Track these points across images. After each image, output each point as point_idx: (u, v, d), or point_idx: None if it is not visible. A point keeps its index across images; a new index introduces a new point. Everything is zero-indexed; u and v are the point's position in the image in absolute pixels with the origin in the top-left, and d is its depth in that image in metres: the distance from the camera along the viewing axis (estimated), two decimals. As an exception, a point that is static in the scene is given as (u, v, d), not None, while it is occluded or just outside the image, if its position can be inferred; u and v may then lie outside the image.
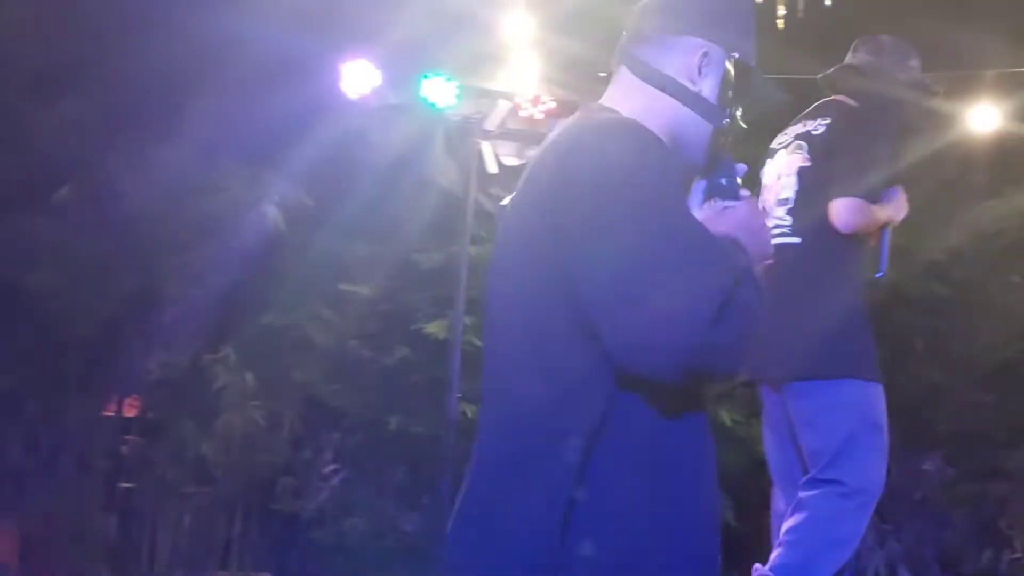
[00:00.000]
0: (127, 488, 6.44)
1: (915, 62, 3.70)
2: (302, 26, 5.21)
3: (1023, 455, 6.40)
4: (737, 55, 1.98)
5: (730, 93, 1.98)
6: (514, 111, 5.59)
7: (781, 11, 3.89)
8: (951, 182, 6.22)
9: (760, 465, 6.68)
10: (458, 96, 5.37)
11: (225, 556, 6.53)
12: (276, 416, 6.35)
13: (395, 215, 6.16)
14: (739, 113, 2.00)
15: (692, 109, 1.96)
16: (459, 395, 5.83)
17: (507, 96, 5.55)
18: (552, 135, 1.97)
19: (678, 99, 1.96)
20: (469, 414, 6.23)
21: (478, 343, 6.26)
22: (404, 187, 5.87)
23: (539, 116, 5.55)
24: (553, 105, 5.54)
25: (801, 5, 3.80)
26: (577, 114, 1.97)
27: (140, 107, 5.64)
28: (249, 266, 5.87)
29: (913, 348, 6.45)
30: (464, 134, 5.60)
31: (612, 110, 1.95)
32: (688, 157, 1.97)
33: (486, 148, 5.72)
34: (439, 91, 5.34)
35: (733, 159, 1.99)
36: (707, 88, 1.97)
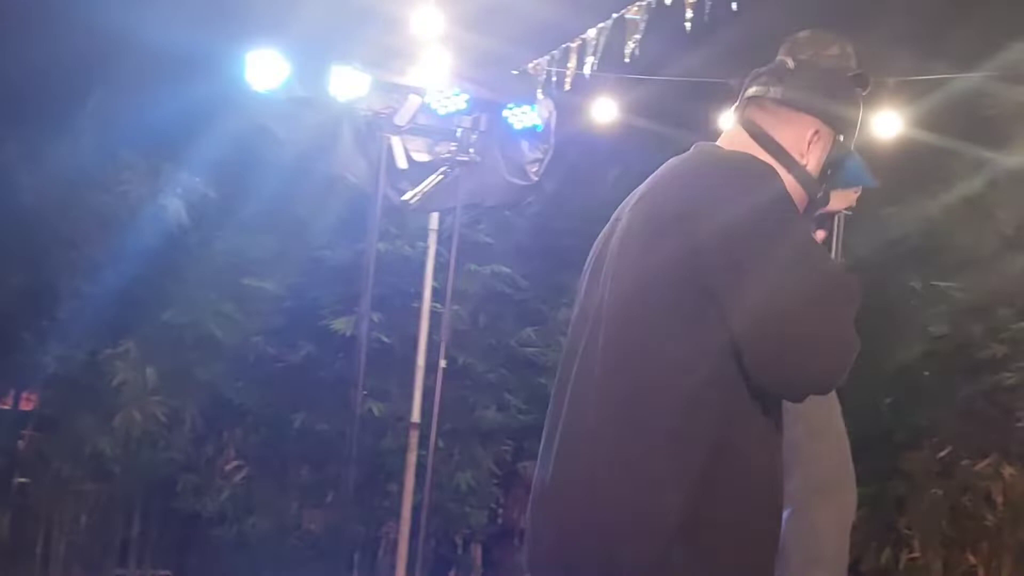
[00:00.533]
0: (22, 483, 6.27)
1: (835, 50, 3.71)
2: (206, 16, 5.10)
3: (921, 456, 6.51)
4: (843, 138, 2.22)
5: (829, 171, 2.22)
6: (425, 106, 5.54)
7: (689, 14, 3.87)
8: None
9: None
10: (368, 88, 5.31)
11: (123, 555, 6.39)
12: (177, 413, 6.22)
13: (302, 210, 6.09)
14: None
15: (796, 178, 2.17)
16: (365, 392, 5.79)
17: (418, 91, 5.50)
18: (674, 167, 2.16)
19: (785, 167, 2.16)
20: (376, 412, 6.19)
21: (385, 340, 6.23)
22: (311, 182, 5.79)
23: (450, 111, 5.51)
24: (465, 101, 5.49)
25: (707, 8, 3.80)
26: (700, 151, 2.20)
27: (35, 100, 5.48)
28: (149, 260, 5.74)
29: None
30: (373, 129, 5.53)
31: (718, 147, 2.18)
32: None
33: (396, 143, 5.66)
34: (348, 83, 5.27)
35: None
36: (812, 162, 2.20)
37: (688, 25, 4.08)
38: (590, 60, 4.64)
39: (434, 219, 6.04)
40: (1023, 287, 6.13)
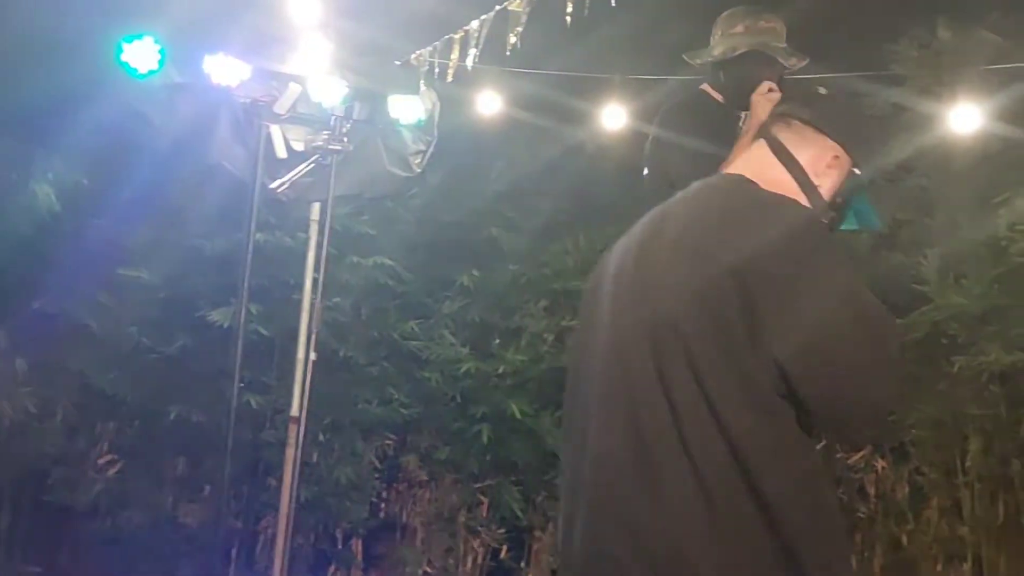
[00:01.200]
0: None
1: (743, 25, 3.72)
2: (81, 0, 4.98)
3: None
4: (858, 172, 2.32)
5: (840, 199, 2.32)
6: (305, 95, 5.46)
7: (569, 8, 3.87)
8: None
9: (549, 456, 6.79)
10: (247, 76, 5.22)
11: (-9, 550, 6.21)
12: (48, 404, 6.06)
13: (178, 199, 5.96)
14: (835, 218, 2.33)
15: (807, 197, 2.27)
16: (242, 384, 5.69)
17: (298, 80, 5.42)
18: (716, 205, 2.23)
19: (799, 185, 2.28)
20: (254, 404, 6.10)
21: (264, 332, 6.14)
22: (188, 170, 5.68)
23: (331, 101, 5.44)
24: (345, 90, 5.43)
25: (587, 3, 3.80)
26: (739, 189, 2.26)
27: None
28: (19, 248, 5.58)
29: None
30: (252, 117, 5.44)
31: (754, 183, 2.25)
32: None
33: (275, 132, 5.58)
34: (226, 70, 5.17)
35: None
36: (825, 185, 2.30)
37: (568, 19, 4.07)
38: (472, 52, 4.62)
39: (315, 209, 5.95)
40: (895, 285, 6.26)
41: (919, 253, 6.16)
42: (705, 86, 3.83)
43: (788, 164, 2.30)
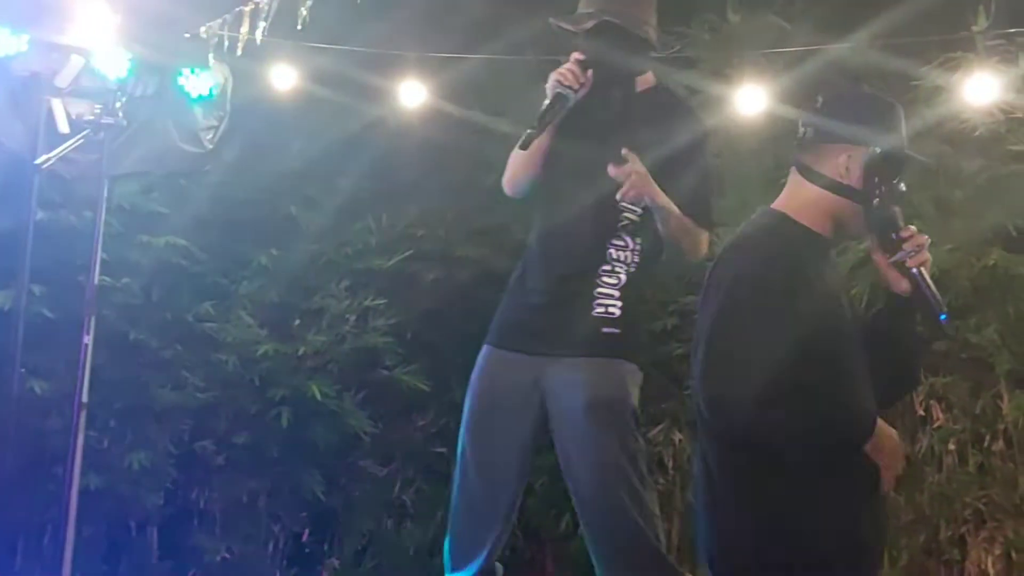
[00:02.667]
0: None
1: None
2: None
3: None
4: (878, 149, 2.67)
5: (876, 178, 2.67)
6: (90, 68, 5.23)
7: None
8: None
9: (351, 438, 6.72)
10: (25, 47, 4.98)
11: None
12: None
13: (-49, 176, 5.64)
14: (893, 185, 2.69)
15: (843, 196, 2.71)
16: (24, 370, 5.46)
17: (81, 52, 5.19)
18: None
19: (831, 191, 2.71)
20: (38, 390, 5.86)
21: (47, 314, 5.88)
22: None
23: (117, 75, 5.22)
24: (132, 63, 5.22)
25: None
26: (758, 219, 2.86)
27: None
28: None
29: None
30: (31, 91, 5.19)
31: (775, 212, 2.81)
32: (852, 228, 2.77)
33: (57, 106, 5.34)
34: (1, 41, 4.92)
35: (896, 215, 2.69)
36: (854, 177, 2.69)
37: (363, -6, 4.01)
38: (262, 25, 4.51)
39: (104, 187, 5.72)
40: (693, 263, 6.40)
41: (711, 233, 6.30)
42: None
43: (815, 180, 2.72)
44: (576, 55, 3.69)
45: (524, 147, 3.64)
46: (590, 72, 3.68)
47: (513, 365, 3.79)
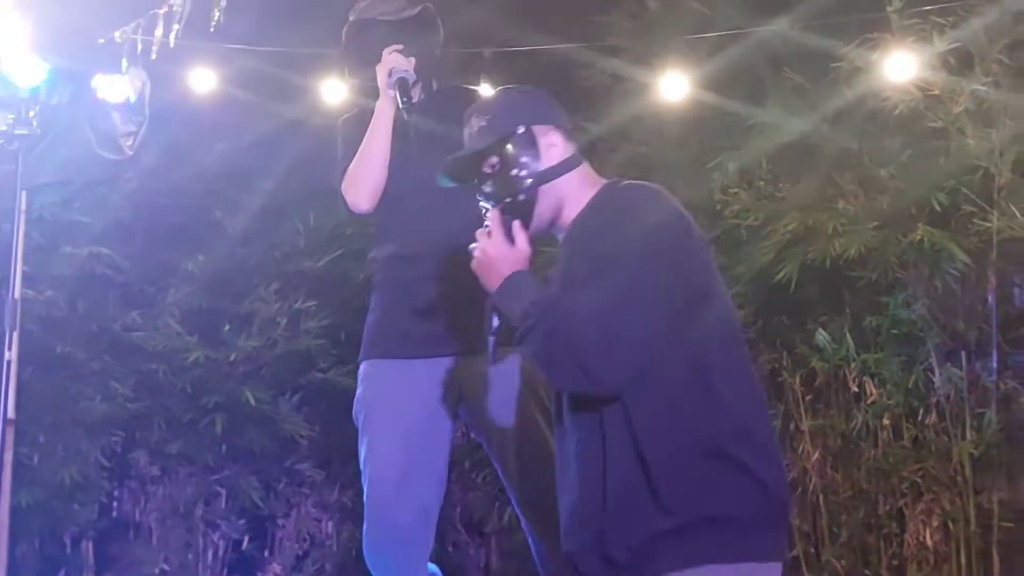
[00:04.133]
0: None
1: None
2: None
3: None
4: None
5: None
6: (2, 78, 5.11)
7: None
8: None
9: (287, 443, 6.65)
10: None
11: None
12: None
13: None
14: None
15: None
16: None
17: (-9, 62, 5.06)
18: None
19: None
20: None
21: None
22: None
23: (29, 82, 5.10)
24: (46, 72, 5.10)
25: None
26: None
27: None
28: None
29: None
30: (-61, 102, 5.05)
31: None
32: None
33: (-33, 117, 5.20)
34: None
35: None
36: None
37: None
38: (175, 28, 4.42)
39: (23, 199, 5.59)
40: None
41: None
42: None
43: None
44: (396, 46, 3.66)
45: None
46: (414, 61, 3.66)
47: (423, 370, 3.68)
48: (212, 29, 4.15)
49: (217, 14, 4.10)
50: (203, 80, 5.94)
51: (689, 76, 5.95)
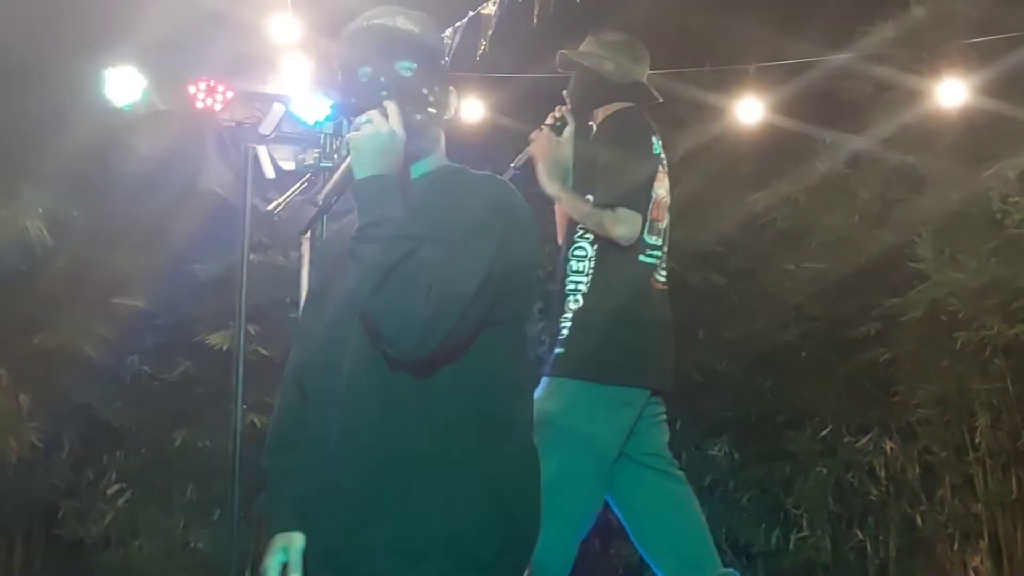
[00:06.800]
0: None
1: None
2: (59, 33, 4.99)
3: (804, 436, 6.61)
4: None
5: None
6: (290, 115, 5.46)
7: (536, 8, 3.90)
8: (721, 175, 6.41)
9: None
10: (229, 99, 5.23)
11: (6, 586, 6.23)
12: (55, 438, 6.09)
13: (169, 225, 5.97)
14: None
15: None
16: (245, 406, 5.69)
17: (281, 99, 5.42)
18: None
19: None
20: (258, 423, 6.10)
21: (265, 352, 6.14)
22: (176, 196, 5.69)
23: (316, 119, 5.44)
24: (329, 107, 5.43)
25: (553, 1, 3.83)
26: None
27: None
28: (14, 284, 5.60)
29: (695, 337, 6.59)
30: (237, 140, 5.44)
31: None
32: None
33: (262, 153, 5.58)
34: (208, 94, 5.18)
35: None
36: None
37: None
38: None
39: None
40: (890, 264, 6.26)
41: (912, 231, 6.15)
42: None
43: None
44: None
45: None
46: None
47: None
48: (478, 58, 4.33)
49: (483, 44, 4.28)
50: (473, 110, 6.15)
51: (966, 82, 5.72)
